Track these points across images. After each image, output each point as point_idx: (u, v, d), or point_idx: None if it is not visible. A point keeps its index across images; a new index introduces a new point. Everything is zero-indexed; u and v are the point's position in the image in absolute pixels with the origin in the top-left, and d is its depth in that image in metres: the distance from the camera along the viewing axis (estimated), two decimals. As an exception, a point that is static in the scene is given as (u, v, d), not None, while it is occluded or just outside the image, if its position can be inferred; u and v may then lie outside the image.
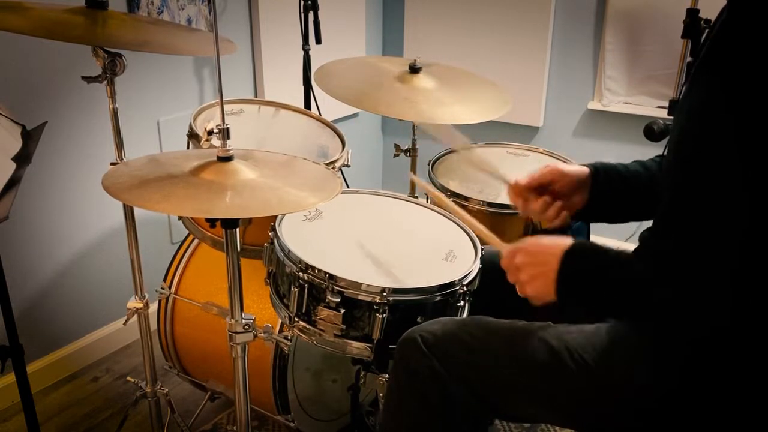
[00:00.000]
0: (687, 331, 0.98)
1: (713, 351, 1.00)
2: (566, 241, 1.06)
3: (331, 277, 1.26)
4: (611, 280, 1.01)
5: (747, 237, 0.90)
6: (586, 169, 1.29)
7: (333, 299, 1.26)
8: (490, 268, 1.39)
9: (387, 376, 1.29)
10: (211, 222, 1.25)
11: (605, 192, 1.28)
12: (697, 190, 0.94)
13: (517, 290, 1.11)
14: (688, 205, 0.96)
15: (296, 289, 1.31)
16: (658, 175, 1.26)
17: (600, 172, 1.28)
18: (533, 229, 1.82)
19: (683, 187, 0.97)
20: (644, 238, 1.20)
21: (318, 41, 2.37)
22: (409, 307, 1.27)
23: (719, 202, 0.91)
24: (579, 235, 1.90)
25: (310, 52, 2.39)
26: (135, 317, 1.71)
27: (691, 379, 1.03)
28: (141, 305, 1.70)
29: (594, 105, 2.87)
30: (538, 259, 1.07)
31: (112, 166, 1.46)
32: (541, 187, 1.29)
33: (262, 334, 1.33)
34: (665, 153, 1.14)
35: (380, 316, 1.25)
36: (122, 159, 1.58)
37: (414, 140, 2.14)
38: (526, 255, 1.09)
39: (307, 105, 2.43)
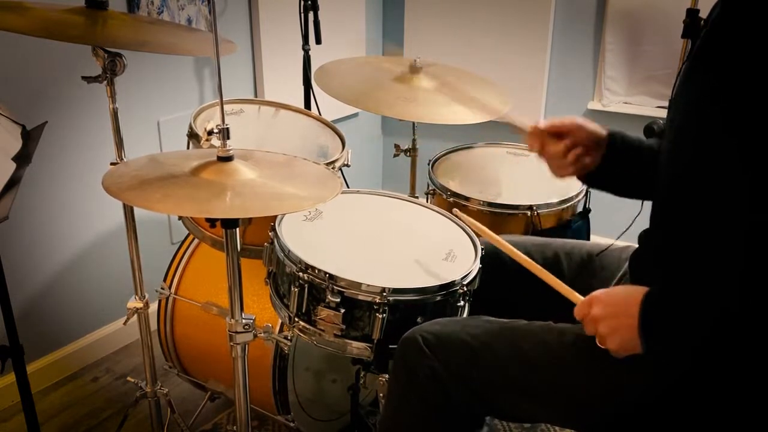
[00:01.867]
0: (696, 327, 0.97)
1: (714, 349, 1.00)
2: (641, 289, 1.02)
3: (331, 277, 1.26)
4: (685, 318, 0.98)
5: (747, 233, 0.90)
6: (604, 131, 1.29)
7: (333, 299, 1.26)
8: (490, 267, 1.39)
9: (387, 376, 1.29)
10: (211, 222, 1.25)
11: (618, 157, 1.28)
12: (695, 182, 0.94)
13: (597, 342, 1.06)
14: (687, 198, 0.96)
15: (296, 289, 1.31)
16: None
17: (617, 137, 1.28)
18: (533, 230, 1.83)
19: (681, 180, 0.98)
20: (643, 238, 1.20)
21: (318, 41, 2.36)
22: (409, 307, 1.27)
23: (716, 195, 0.92)
24: (578, 234, 1.90)
25: (310, 52, 2.39)
26: (135, 317, 1.71)
27: (691, 379, 1.03)
28: (141, 305, 1.70)
29: (594, 105, 2.87)
30: (616, 309, 1.03)
31: (112, 166, 1.46)
32: (559, 135, 1.29)
33: (262, 334, 1.33)
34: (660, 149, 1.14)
35: (380, 316, 1.25)
36: (122, 159, 1.58)
37: (414, 140, 2.14)
38: (604, 307, 1.05)
39: (307, 105, 2.43)
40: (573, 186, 1.91)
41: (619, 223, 1.43)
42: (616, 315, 1.03)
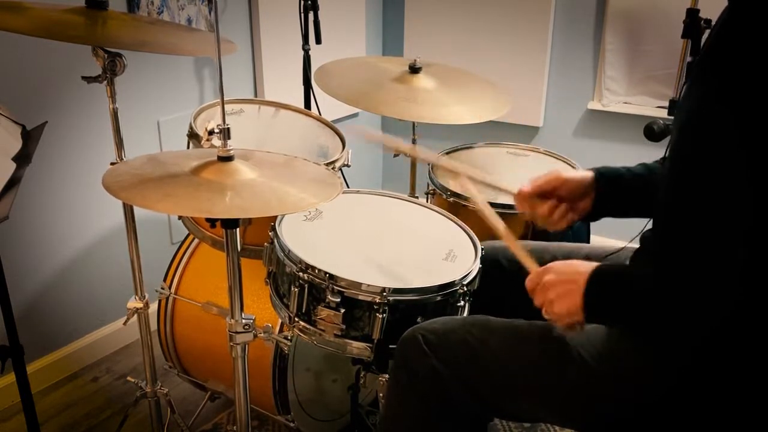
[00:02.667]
0: (693, 329, 0.98)
1: (713, 349, 1.00)
2: (594, 263, 1.07)
3: (331, 277, 1.26)
4: (630, 296, 1.03)
5: (749, 234, 0.90)
6: (589, 174, 1.30)
7: (333, 299, 1.26)
8: (491, 267, 1.39)
9: (387, 376, 1.29)
10: (211, 222, 1.25)
11: (609, 196, 1.29)
12: (699, 187, 0.94)
13: (543, 312, 1.10)
14: (690, 203, 0.96)
15: (296, 289, 1.31)
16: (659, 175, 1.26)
17: (603, 177, 1.29)
18: (533, 230, 1.82)
19: (685, 186, 0.98)
20: (646, 239, 1.20)
21: (318, 41, 2.36)
22: (409, 307, 1.27)
23: (720, 199, 0.92)
24: (579, 234, 1.90)
25: (310, 52, 2.39)
26: (135, 317, 1.71)
27: (691, 378, 1.03)
28: (141, 305, 1.70)
29: (594, 105, 2.87)
30: (566, 278, 1.07)
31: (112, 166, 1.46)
32: (545, 193, 1.30)
33: (262, 334, 1.33)
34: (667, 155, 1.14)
35: (380, 316, 1.25)
36: (122, 159, 1.57)
37: (414, 140, 2.14)
38: (555, 274, 1.09)
39: (307, 105, 2.43)
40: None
41: (619, 224, 1.43)
42: (566, 282, 1.07)
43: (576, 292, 1.05)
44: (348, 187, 2.01)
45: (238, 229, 1.22)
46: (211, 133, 1.19)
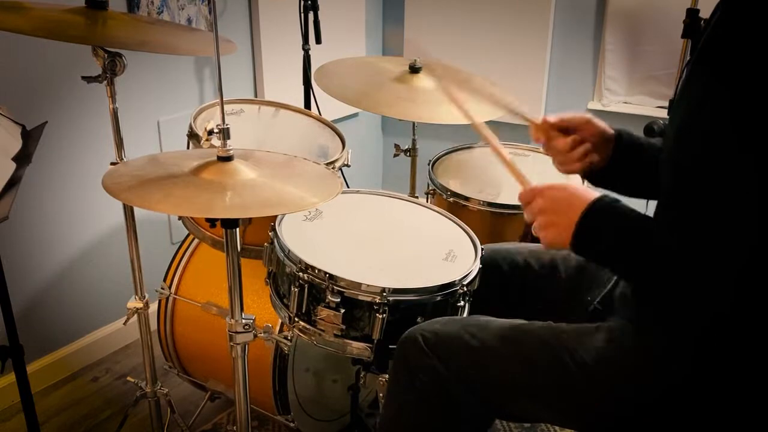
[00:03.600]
0: (690, 318, 0.98)
1: (713, 348, 1.00)
2: (591, 195, 1.03)
3: (331, 277, 1.26)
4: (629, 245, 1.00)
5: (751, 232, 0.90)
6: (611, 129, 1.29)
7: (333, 299, 1.26)
8: (491, 267, 1.39)
9: (387, 376, 1.29)
10: (211, 222, 1.25)
11: (625, 156, 1.28)
12: (700, 181, 0.94)
13: (532, 230, 1.09)
14: (691, 196, 0.96)
15: (296, 289, 1.31)
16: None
17: (625, 136, 1.28)
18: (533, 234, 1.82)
19: (685, 178, 0.98)
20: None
21: (318, 41, 2.37)
22: (409, 307, 1.27)
23: (721, 193, 0.92)
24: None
25: (310, 52, 2.39)
26: (135, 317, 1.71)
27: (690, 378, 1.03)
28: (141, 305, 1.70)
29: (594, 105, 2.87)
30: (559, 207, 1.05)
31: (112, 166, 1.46)
32: (566, 130, 1.29)
33: (262, 334, 1.33)
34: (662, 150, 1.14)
35: (380, 316, 1.25)
36: (122, 159, 1.58)
37: (414, 140, 2.14)
38: (548, 200, 1.07)
39: (307, 105, 2.43)
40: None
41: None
42: (557, 212, 1.05)
43: (566, 228, 1.02)
44: (348, 187, 2.01)
45: (238, 229, 1.22)
46: (210, 133, 1.19)
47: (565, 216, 1.03)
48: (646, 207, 1.27)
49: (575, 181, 1.27)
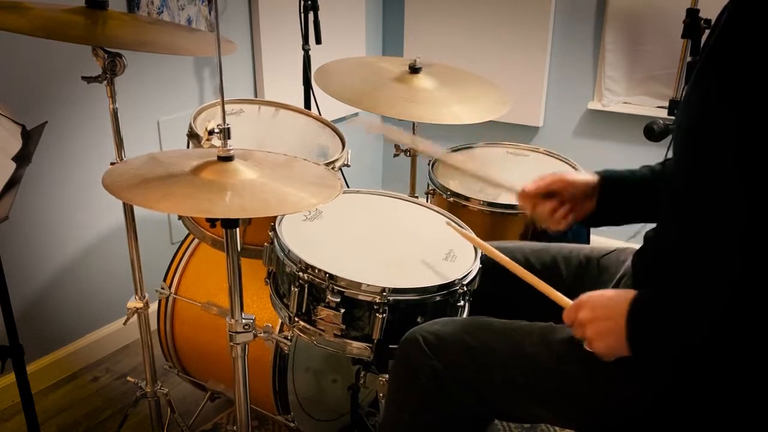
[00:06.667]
0: (695, 322, 0.97)
1: (713, 349, 1.00)
2: (629, 293, 1.02)
3: (331, 277, 1.26)
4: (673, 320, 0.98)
5: (752, 231, 0.90)
6: (594, 178, 1.30)
7: (333, 299, 1.26)
8: (491, 267, 1.39)
9: (387, 376, 1.29)
10: (211, 222, 1.25)
11: (613, 200, 1.30)
12: (701, 186, 0.94)
13: (584, 345, 1.06)
14: (692, 201, 0.96)
15: (296, 289, 1.31)
16: (664, 176, 1.26)
17: (607, 181, 1.30)
18: (533, 230, 1.83)
19: (688, 183, 0.98)
20: (650, 239, 1.20)
21: (318, 41, 2.37)
22: (409, 307, 1.27)
23: (726, 195, 0.92)
24: (579, 235, 1.90)
25: (310, 52, 2.39)
26: (135, 317, 1.71)
27: (690, 378, 1.03)
28: (141, 305, 1.70)
29: (594, 105, 2.87)
30: (603, 314, 1.03)
31: (112, 166, 1.46)
32: (548, 193, 1.31)
33: (262, 334, 1.33)
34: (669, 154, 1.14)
35: (380, 316, 1.25)
36: (122, 159, 1.58)
37: (414, 134, 2.14)
38: (591, 310, 1.04)
39: (307, 105, 2.43)
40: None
41: (619, 224, 1.43)
42: (603, 318, 1.03)
43: (617, 332, 1.00)
44: (348, 187, 2.01)
45: (238, 229, 1.22)
46: (211, 133, 1.19)
47: (612, 320, 1.01)
48: (640, 228, 1.29)
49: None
